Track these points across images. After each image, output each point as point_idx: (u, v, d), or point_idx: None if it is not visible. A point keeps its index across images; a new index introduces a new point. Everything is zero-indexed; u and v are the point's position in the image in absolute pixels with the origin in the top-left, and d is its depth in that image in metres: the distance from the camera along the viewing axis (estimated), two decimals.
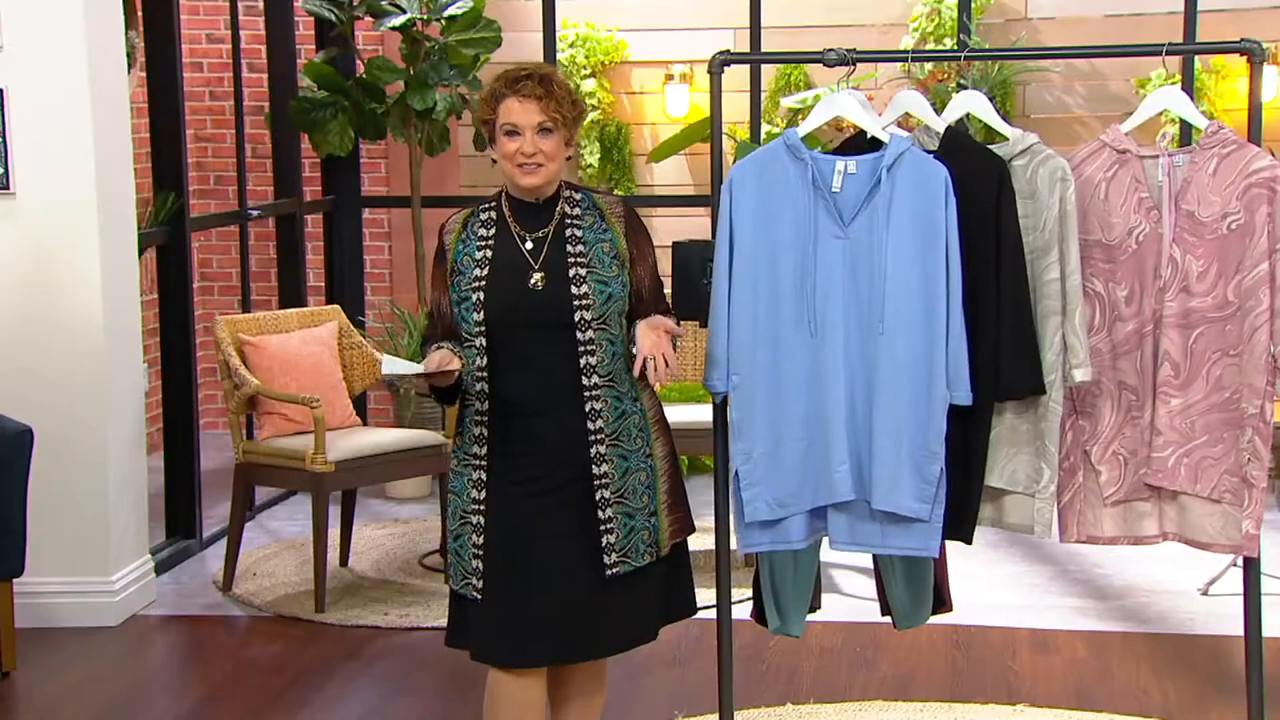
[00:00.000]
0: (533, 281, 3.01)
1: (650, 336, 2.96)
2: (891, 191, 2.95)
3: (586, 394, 3.02)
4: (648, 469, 3.09)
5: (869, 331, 2.98)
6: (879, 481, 2.99)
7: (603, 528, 3.03)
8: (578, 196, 3.11)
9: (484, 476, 3.05)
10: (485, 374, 3.02)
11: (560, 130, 3.04)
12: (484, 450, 3.05)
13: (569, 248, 3.04)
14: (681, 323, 5.38)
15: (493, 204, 3.16)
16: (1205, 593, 4.86)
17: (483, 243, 3.09)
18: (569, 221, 3.07)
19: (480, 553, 3.04)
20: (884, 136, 3.02)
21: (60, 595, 4.67)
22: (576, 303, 2.99)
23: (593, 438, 3.03)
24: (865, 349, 2.99)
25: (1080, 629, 4.60)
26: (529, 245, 3.05)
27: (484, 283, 3.02)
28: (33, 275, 4.63)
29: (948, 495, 3.01)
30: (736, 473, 3.10)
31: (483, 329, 3.00)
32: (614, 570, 3.03)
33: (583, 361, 3.01)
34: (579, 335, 3.00)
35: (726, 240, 3.06)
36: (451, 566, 3.11)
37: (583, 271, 3.02)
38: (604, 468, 3.03)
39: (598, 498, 3.03)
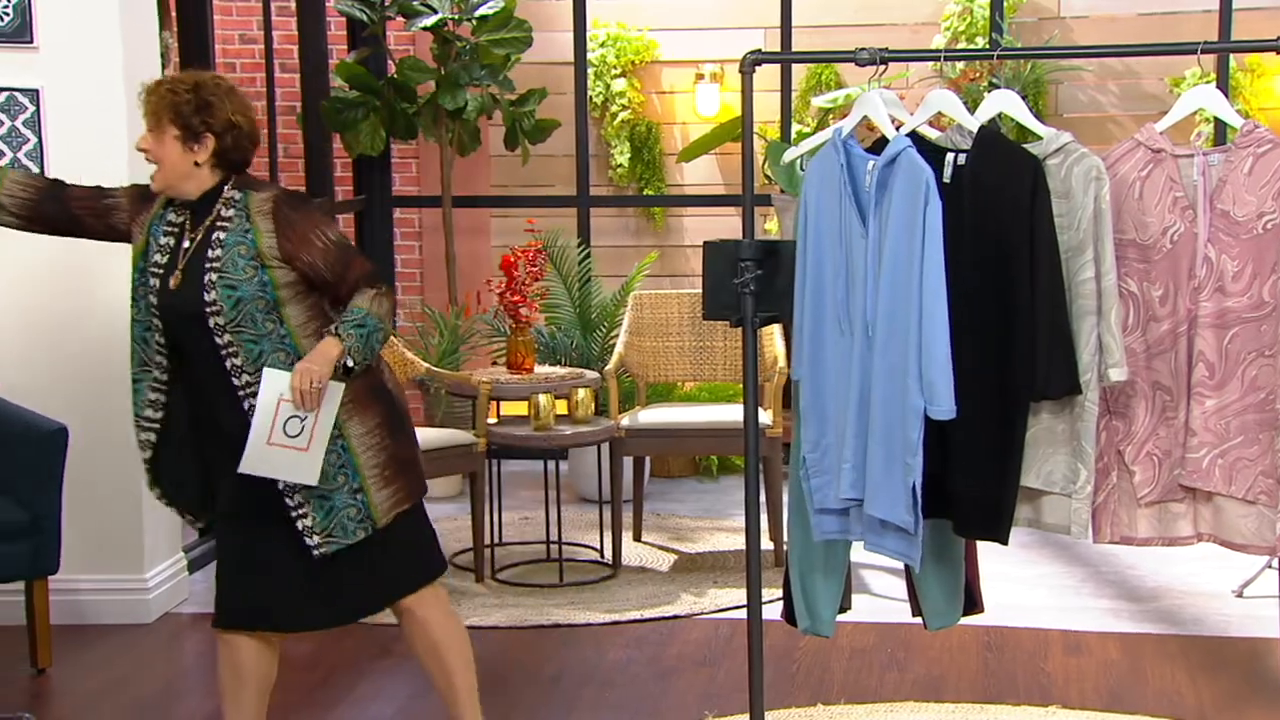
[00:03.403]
0: (172, 282, 3.16)
1: (297, 372, 3.09)
2: (885, 193, 2.95)
3: (240, 392, 3.13)
4: (336, 450, 3.15)
5: (870, 334, 2.98)
6: (869, 486, 3.00)
7: (294, 513, 3.16)
8: (237, 197, 3.19)
9: (153, 441, 3.31)
10: (165, 350, 3.20)
11: (167, 127, 3.13)
12: (159, 415, 3.26)
13: (209, 252, 3.14)
14: (711, 323, 5.42)
15: None
16: (1240, 594, 4.82)
17: (170, 228, 3.22)
18: (219, 224, 3.17)
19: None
20: (890, 134, 3.02)
21: (95, 593, 4.71)
22: (208, 309, 3.11)
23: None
24: (871, 351, 2.99)
25: (1113, 630, 4.57)
26: (185, 244, 3.18)
27: (161, 270, 3.18)
28: (67, 274, 4.66)
29: (985, 495, 3.00)
30: (804, 459, 3.11)
31: (157, 313, 3.18)
32: (320, 550, 3.16)
33: (229, 364, 3.13)
34: (218, 340, 3.11)
35: (803, 233, 3.08)
36: None
37: (214, 277, 3.12)
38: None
39: (280, 486, 3.14)
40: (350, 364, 3.11)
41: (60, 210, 3.29)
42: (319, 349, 3.10)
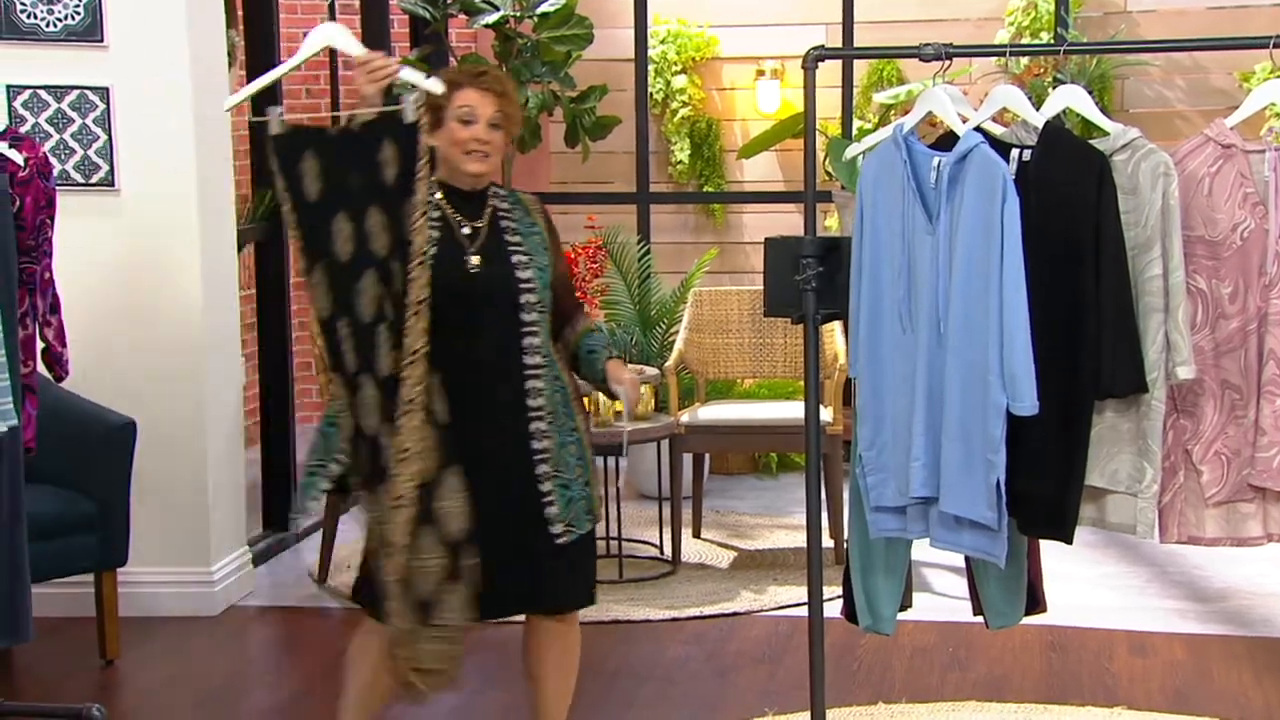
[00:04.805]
0: (472, 265, 3.16)
1: (629, 385, 3.26)
2: (956, 189, 2.93)
3: (528, 373, 3.16)
4: (575, 442, 3.22)
5: (942, 332, 2.96)
6: (944, 483, 2.98)
7: (544, 499, 3.17)
8: (503, 193, 3.26)
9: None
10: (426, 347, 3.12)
11: (505, 129, 3.21)
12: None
13: (507, 237, 3.19)
14: (771, 319, 5.41)
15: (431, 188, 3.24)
16: None
17: (434, 223, 3.19)
18: (501, 214, 3.22)
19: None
20: (960, 130, 2.99)
21: (162, 585, 4.76)
22: (522, 286, 3.16)
23: (533, 414, 3.16)
24: (942, 349, 2.97)
25: (1179, 631, 4.52)
26: (466, 231, 3.19)
27: (432, 260, 3.08)
28: (135, 271, 4.73)
29: (1049, 493, 2.98)
30: (860, 457, 3.10)
31: (424, 302, 3.08)
32: (563, 539, 3.18)
33: (525, 342, 3.16)
34: (524, 317, 3.16)
35: (859, 230, 3.07)
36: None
37: (524, 258, 3.18)
38: (544, 443, 3.17)
39: (539, 471, 3.16)
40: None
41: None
42: (620, 367, 3.29)
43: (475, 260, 3.16)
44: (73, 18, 4.61)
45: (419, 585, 2.97)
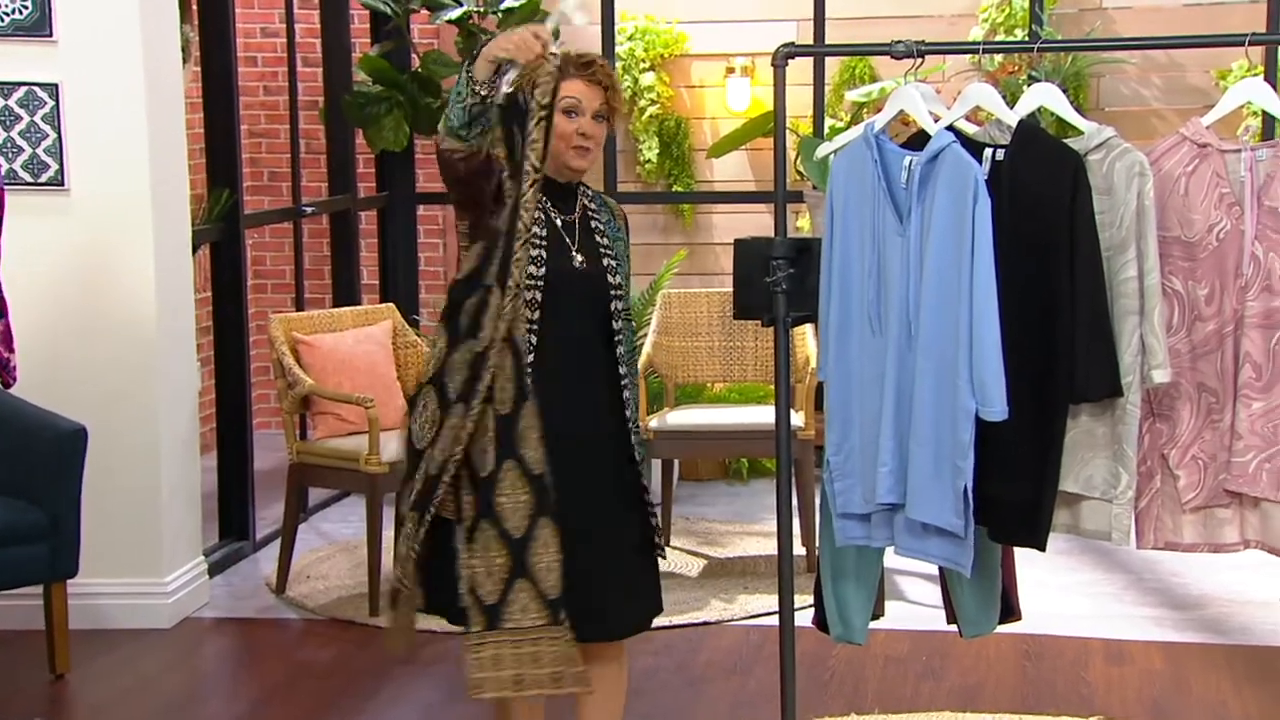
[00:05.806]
0: (577, 261, 3.01)
1: None
2: (927, 189, 2.87)
3: (622, 381, 3.05)
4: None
5: (912, 334, 2.90)
6: (911, 489, 2.91)
7: (650, 509, 3.10)
8: (590, 192, 3.13)
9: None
10: (538, 327, 2.96)
11: (607, 122, 3.08)
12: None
13: (598, 238, 3.06)
14: (741, 322, 5.34)
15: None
16: None
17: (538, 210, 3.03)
18: (590, 214, 3.09)
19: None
20: (932, 130, 2.93)
21: (113, 597, 4.66)
22: (613, 292, 3.03)
23: (630, 425, 3.06)
24: (912, 351, 2.91)
25: (1156, 639, 4.47)
26: (560, 222, 3.04)
27: (545, 243, 2.99)
28: (86, 273, 4.62)
29: (1022, 500, 2.91)
30: (828, 462, 3.04)
31: (540, 285, 2.96)
32: (661, 551, 3.13)
33: (618, 350, 3.04)
34: (614, 325, 3.03)
35: (829, 231, 3.00)
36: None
37: (614, 263, 3.06)
38: (640, 452, 3.07)
39: (645, 482, 3.08)
40: None
41: None
42: None
43: (579, 258, 3.02)
44: (20, 12, 4.49)
45: (482, 586, 2.79)
